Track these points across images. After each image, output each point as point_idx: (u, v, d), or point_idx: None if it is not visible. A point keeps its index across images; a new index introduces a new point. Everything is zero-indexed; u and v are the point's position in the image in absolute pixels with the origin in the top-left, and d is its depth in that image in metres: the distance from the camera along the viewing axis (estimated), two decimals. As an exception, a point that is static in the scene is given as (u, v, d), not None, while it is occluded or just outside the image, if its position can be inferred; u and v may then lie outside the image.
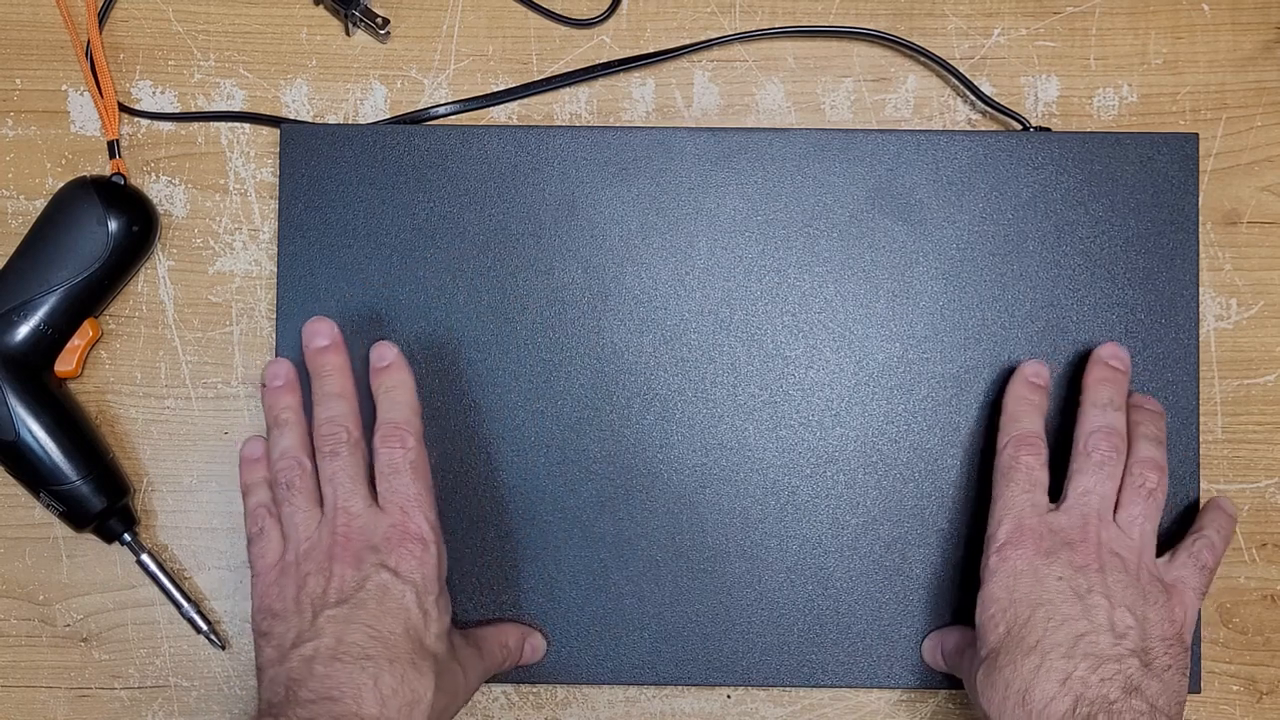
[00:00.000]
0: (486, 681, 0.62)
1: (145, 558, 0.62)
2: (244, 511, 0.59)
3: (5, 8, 0.65)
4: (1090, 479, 0.57)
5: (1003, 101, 0.64)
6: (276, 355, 0.62)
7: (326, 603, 0.54)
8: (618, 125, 0.65)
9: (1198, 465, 0.62)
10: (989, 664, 0.55)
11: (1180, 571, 0.57)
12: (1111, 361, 0.60)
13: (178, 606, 0.62)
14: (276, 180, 0.64)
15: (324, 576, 0.55)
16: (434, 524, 0.56)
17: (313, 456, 0.58)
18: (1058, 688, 0.52)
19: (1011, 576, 0.55)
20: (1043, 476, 0.58)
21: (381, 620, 0.53)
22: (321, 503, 0.57)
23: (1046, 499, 0.58)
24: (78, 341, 0.62)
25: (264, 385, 0.59)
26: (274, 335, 0.63)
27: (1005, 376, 0.62)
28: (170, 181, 0.64)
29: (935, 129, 0.65)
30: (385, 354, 0.59)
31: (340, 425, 0.57)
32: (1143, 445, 0.58)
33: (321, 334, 0.59)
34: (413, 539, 0.55)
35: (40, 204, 0.63)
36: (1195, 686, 0.62)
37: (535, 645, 0.61)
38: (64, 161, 0.64)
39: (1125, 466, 0.58)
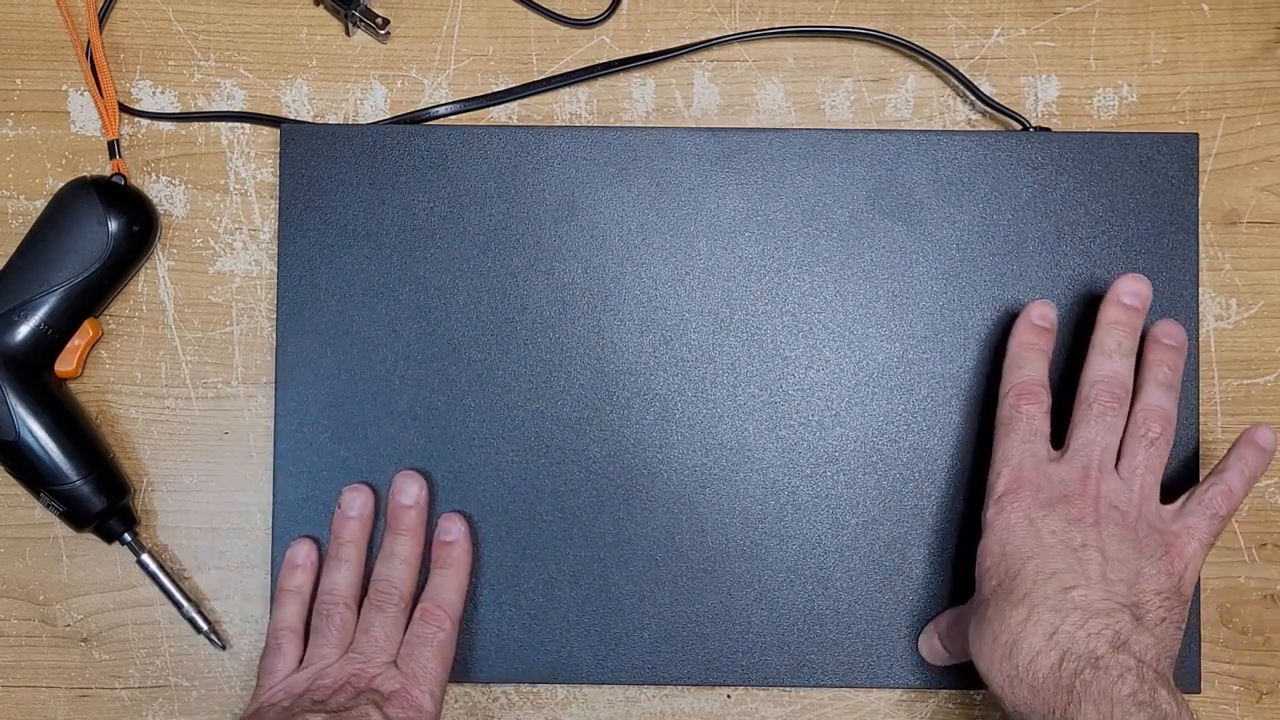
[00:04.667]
0: (486, 681, 0.62)
1: (145, 558, 0.62)
2: (270, 616, 0.61)
3: (5, 8, 0.65)
4: (1091, 430, 0.56)
5: (1003, 101, 0.64)
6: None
7: (310, 710, 0.56)
8: (618, 125, 0.65)
9: (1198, 465, 0.62)
10: (980, 614, 0.54)
11: (1188, 520, 0.56)
12: (1127, 299, 0.58)
13: (178, 606, 0.62)
14: (276, 180, 0.64)
15: (323, 695, 0.57)
16: (437, 701, 0.58)
17: (358, 598, 0.60)
18: (1044, 641, 0.52)
19: (1006, 529, 0.55)
20: (1044, 426, 0.57)
21: None
22: (350, 640, 0.59)
23: (1048, 448, 0.57)
24: (78, 341, 0.62)
25: (338, 505, 0.61)
26: (274, 335, 0.63)
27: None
28: (170, 181, 0.64)
29: (935, 129, 0.65)
30: (451, 529, 0.61)
31: (396, 588, 0.60)
32: (1150, 391, 0.57)
33: (408, 492, 0.61)
34: (413, 706, 0.57)
35: (40, 204, 0.63)
36: (1195, 686, 0.62)
37: None
38: (64, 161, 0.64)
39: (1130, 413, 0.57)
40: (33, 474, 0.60)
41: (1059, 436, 0.58)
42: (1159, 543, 0.55)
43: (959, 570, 0.62)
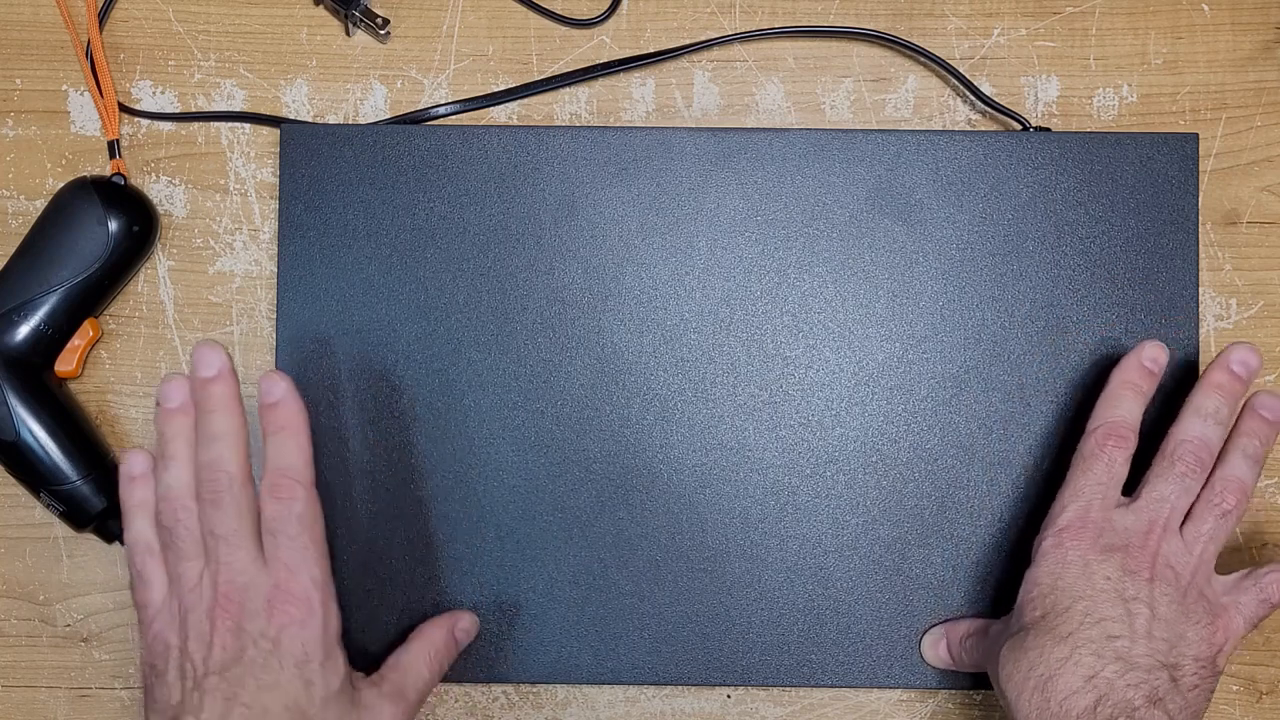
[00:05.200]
0: (486, 681, 0.62)
1: (145, 558, 0.62)
2: (124, 539, 0.56)
3: (5, 8, 0.65)
4: (1168, 487, 0.56)
5: (1003, 101, 0.64)
6: (275, 365, 0.62)
7: (208, 670, 0.52)
8: (618, 125, 0.65)
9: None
10: (1016, 640, 0.55)
11: (1239, 597, 0.55)
12: (1236, 367, 0.57)
13: (178, 606, 0.62)
14: (276, 180, 0.64)
15: (204, 643, 0.53)
16: (320, 582, 0.53)
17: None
18: (1082, 683, 0.52)
19: (1060, 564, 0.55)
20: (1123, 471, 0.57)
21: (259, 697, 0.51)
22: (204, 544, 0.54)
23: (1119, 494, 0.57)
24: (78, 341, 0.62)
25: (158, 404, 0.55)
26: (274, 335, 0.63)
27: (1009, 375, 0.62)
28: (170, 181, 0.64)
29: (935, 129, 0.65)
30: (273, 388, 0.54)
31: (221, 470, 0.53)
32: (1235, 461, 0.57)
33: (207, 362, 0.54)
34: (296, 601, 0.53)
35: (40, 204, 0.63)
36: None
37: (464, 627, 0.60)
38: (64, 161, 0.64)
39: (1209, 479, 0.56)
40: (33, 474, 0.60)
41: (1132, 481, 0.57)
42: (1206, 611, 0.55)
43: (959, 570, 0.62)
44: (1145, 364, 0.58)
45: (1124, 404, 0.57)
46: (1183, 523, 0.56)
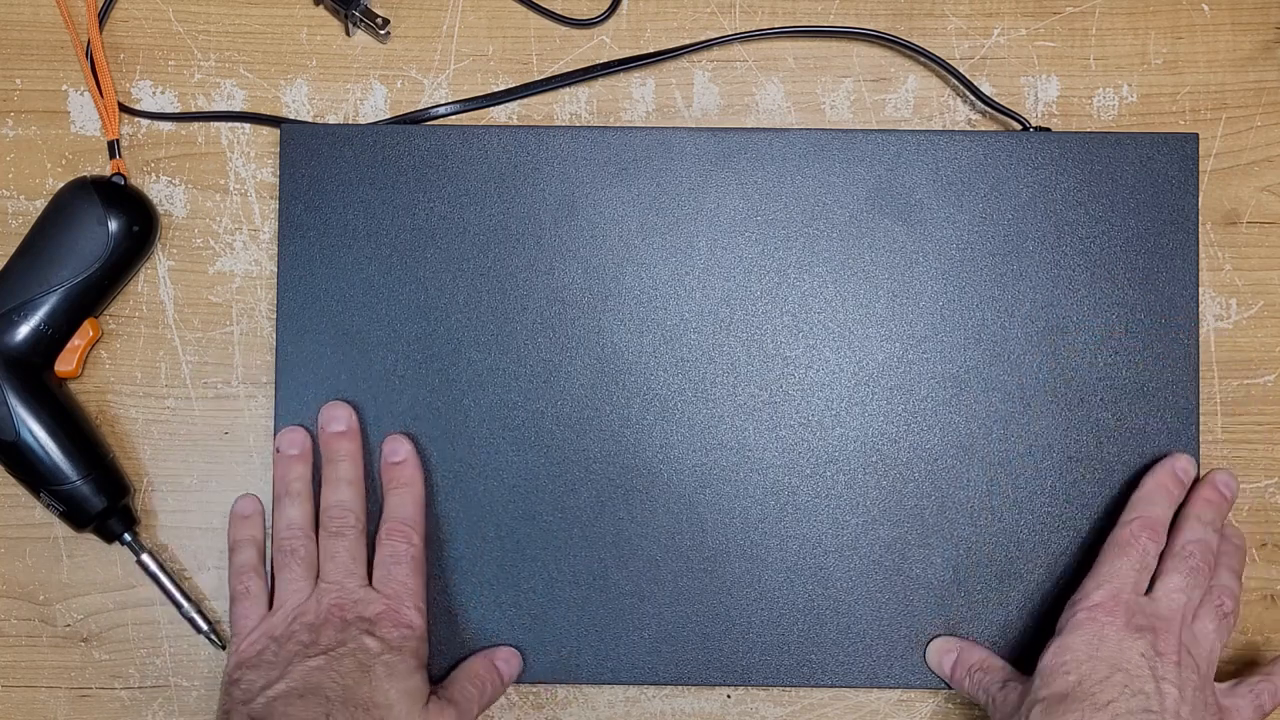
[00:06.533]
0: (486, 681, 0.63)
1: (145, 557, 0.62)
2: (229, 568, 0.61)
3: (5, 8, 0.65)
4: (1183, 580, 0.58)
5: (1003, 101, 0.64)
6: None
7: (306, 655, 0.56)
8: (618, 125, 0.65)
9: (1198, 466, 0.62)
10: (1050, 705, 0.55)
11: (1238, 701, 0.58)
12: (1223, 489, 0.61)
13: (178, 606, 0.62)
14: (276, 180, 0.64)
15: (310, 635, 0.57)
16: (423, 614, 0.59)
17: (316, 531, 0.60)
18: None
19: (1098, 636, 0.57)
20: (1152, 563, 0.59)
21: (352, 674, 0.56)
22: (317, 576, 0.59)
23: (1147, 584, 0.59)
24: (78, 341, 0.62)
25: (277, 450, 0.61)
26: (274, 335, 0.63)
27: (1009, 375, 0.62)
28: (170, 181, 0.64)
29: (935, 129, 0.65)
30: (398, 449, 0.61)
31: (348, 510, 0.60)
32: (1224, 574, 0.60)
33: (338, 419, 0.61)
34: (400, 624, 0.58)
35: (40, 204, 0.63)
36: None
37: (505, 658, 0.61)
38: (64, 161, 0.64)
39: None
40: (33, 474, 0.60)
41: None
42: (1216, 708, 0.57)
43: (959, 571, 0.62)
44: (1179, 475, 0.61)
45: (1159, 504, 0.60)
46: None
